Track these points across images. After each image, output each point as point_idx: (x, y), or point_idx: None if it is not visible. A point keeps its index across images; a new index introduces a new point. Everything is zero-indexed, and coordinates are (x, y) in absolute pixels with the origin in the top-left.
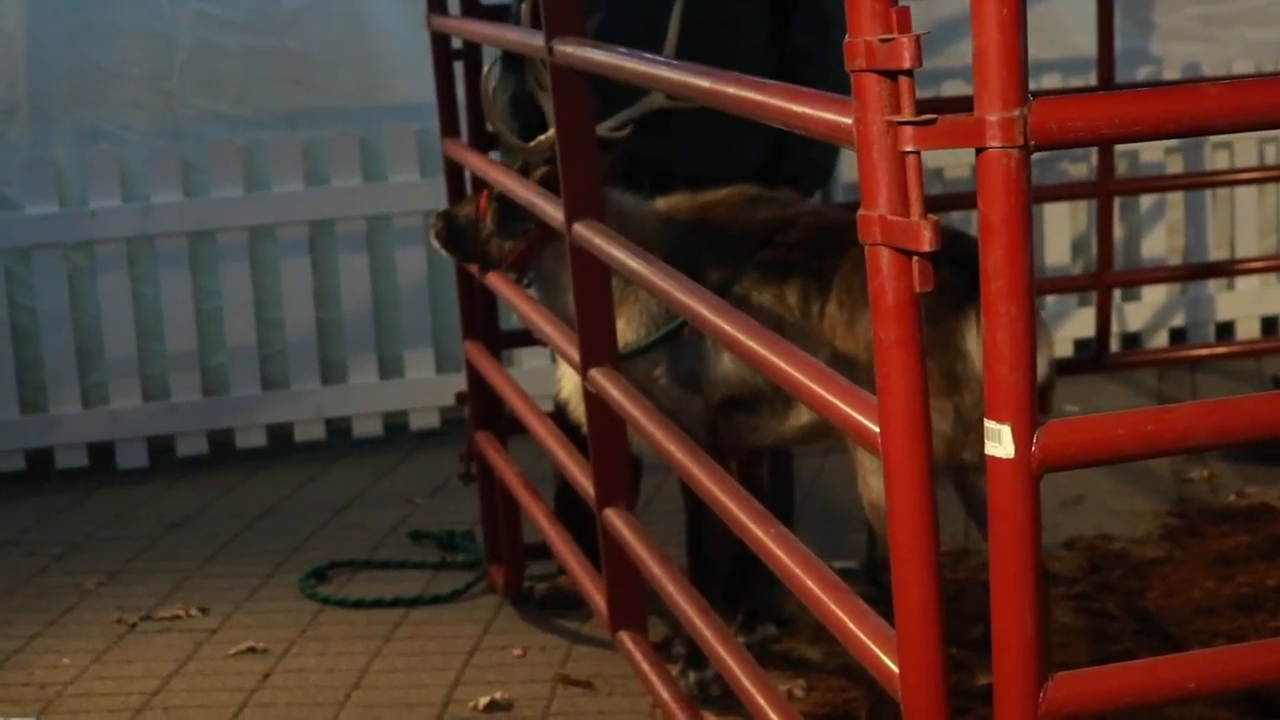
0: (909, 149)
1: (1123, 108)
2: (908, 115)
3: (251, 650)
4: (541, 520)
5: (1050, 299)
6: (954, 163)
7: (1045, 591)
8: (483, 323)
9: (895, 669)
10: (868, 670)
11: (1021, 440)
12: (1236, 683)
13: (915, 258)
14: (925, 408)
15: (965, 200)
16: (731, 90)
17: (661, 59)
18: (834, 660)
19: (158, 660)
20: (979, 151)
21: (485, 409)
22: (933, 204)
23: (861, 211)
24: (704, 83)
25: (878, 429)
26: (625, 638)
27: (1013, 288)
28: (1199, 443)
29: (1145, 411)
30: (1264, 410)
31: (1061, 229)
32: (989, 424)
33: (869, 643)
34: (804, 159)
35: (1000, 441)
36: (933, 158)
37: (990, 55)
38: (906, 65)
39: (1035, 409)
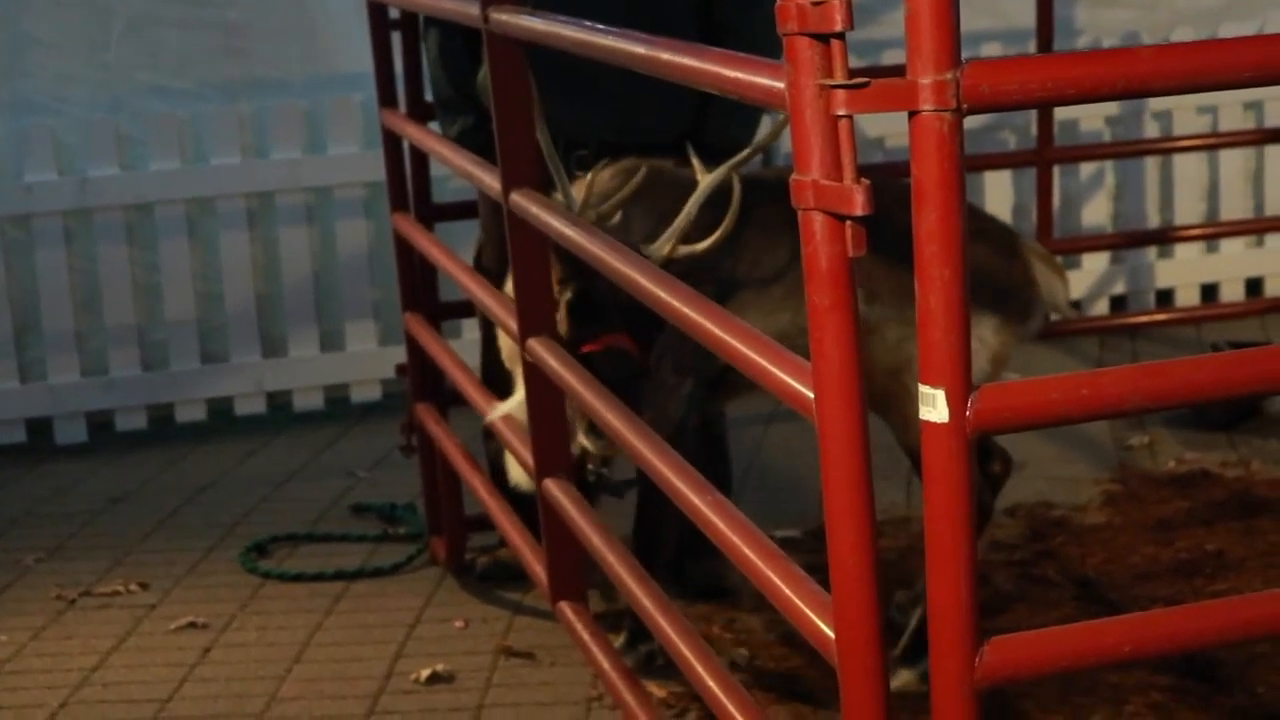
0: (841, 113)
1: (1055, 70)
2: (840, 79)
3: (192, 625)
4: (481, 492)
5: None
6: (895, 131)
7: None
8: (423, 294)
9: (831, 635)
10: (804, 635)
11: (956, 404)
12: (1170, 646)
13: (848, 222)
14: (859, 373)
15: (906, 169)
16: (667, 56)
17: (597, 27)
18: (777, 629)
19: (97, 636)
20: (912, 115)
21: (425, 381)
22: (874, 172)
23: (794, 176)
24: (639, 49)
25: (812, 395)
26: (566, 608)
27: (946, 252)
28: (1133, 406)
29: (1079, 375)
30: (1197, 374)
31: (1002, 198)
32: (923, 388)
33: (805, 609)
34: (722, 133)
35: (935, 406)
36: (874, 127)
37: (922, 18)
38: (838, 28)
39: (969, 373)
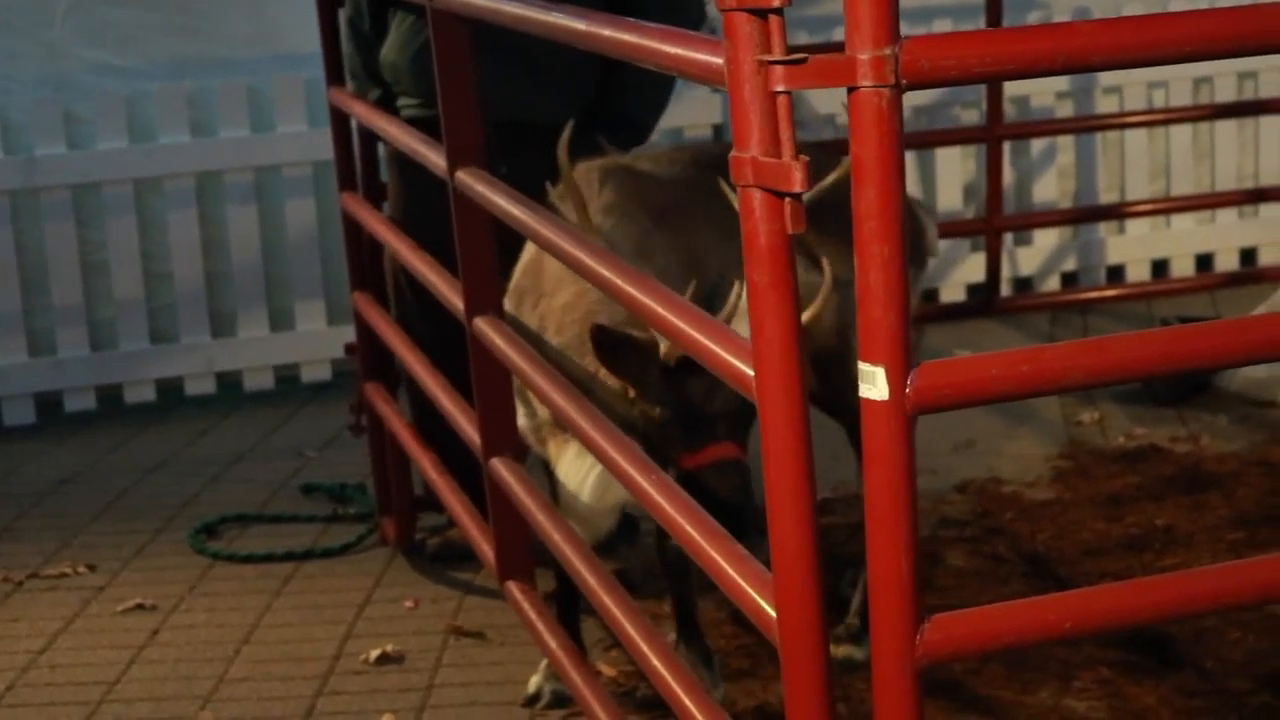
0: (779, 89)
1: (994, 46)
2: (778, 54)
3: (140, 607)
4: (430, 472)
5: (942, 244)
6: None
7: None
8: (371, 273)
9: (773, 613)
10: (747, 614)
11: (896, 382)
12: (1111, 622)
13: (787, 199)
14: (800, 350)
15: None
16: (607, 32)
17: (537, 3)
18: (726, 608)
19: (44, 619)
20: (851, 91)
21: (375, 360)
22: (824, 149)
23: (733, 153)
24: (580, 25)
25: (752, 372)
26: (513, 587)
27: (885, 228)
28: (1074, 383)
29: (1020, 352)
30: (1137, 349)
31: (953, 174)
32: (863, 366)
33: (746, 587)
34: (621, 114)
35: (874, 383)
36: (825, 104)
37: None
38: (776, 4)
39: (910, 350)
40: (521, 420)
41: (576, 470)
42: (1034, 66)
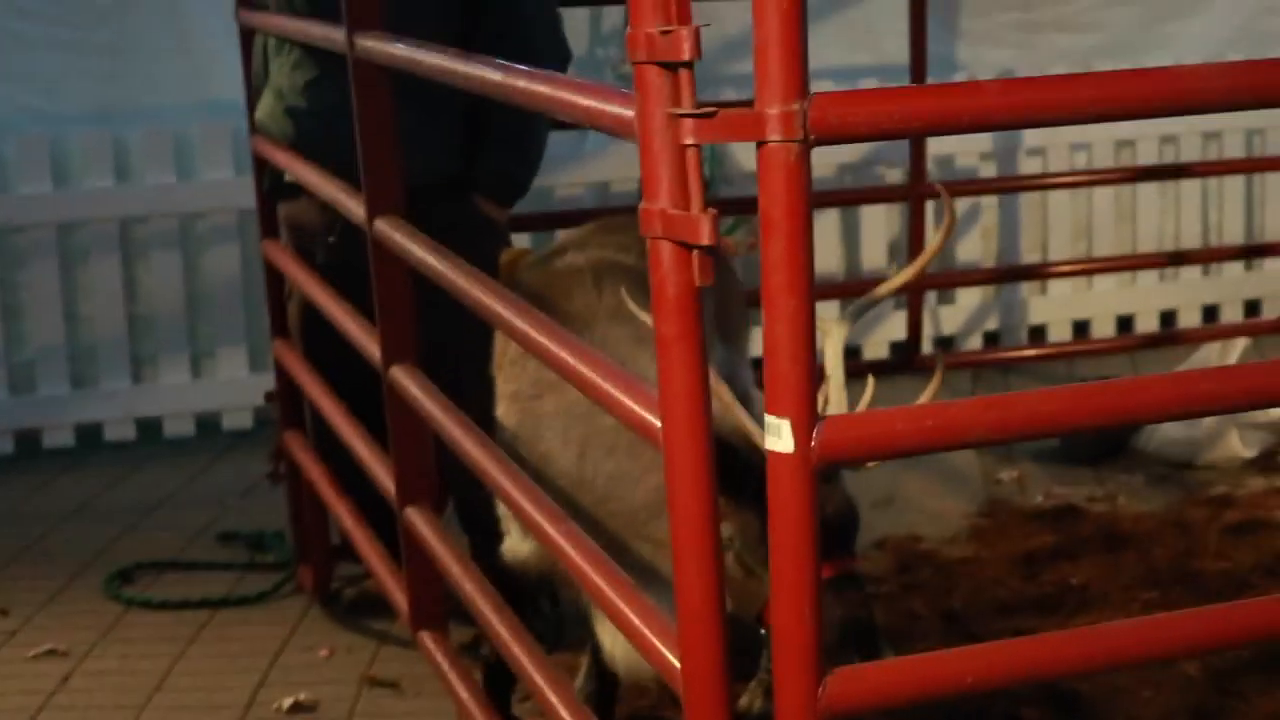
0: (689, 141)
1: (903, 102)
2: (688, 108)
3: (52, 652)
4: (346, 520)
5: None
6: (819, 162)
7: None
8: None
9: (677, 664)
10: (652, 664)
11: (801, 435)
12: (1014, 676)
13: (695, 251)
14: (706, 402)
15: (825, 199)
16: (522, 84)
17: (456, 54)
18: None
19: None
20: (760, 145)
21: (294, 408)
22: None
23: (643, 205)
24: (496, 76)
25: (659, 423)
26: (426, 637)
27: (793, 281)
28: (978, 438)
29: (925, 407)
30: (1041, 406)
31: (877, 232)
32: (769, 419)
33: (651, 637)
34: (497, 172)
35: (780, 436)
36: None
37: (770, 48)
38: (686, 57)
39: (815, 403)
40: (522, 548)
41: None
42: (942, 124)
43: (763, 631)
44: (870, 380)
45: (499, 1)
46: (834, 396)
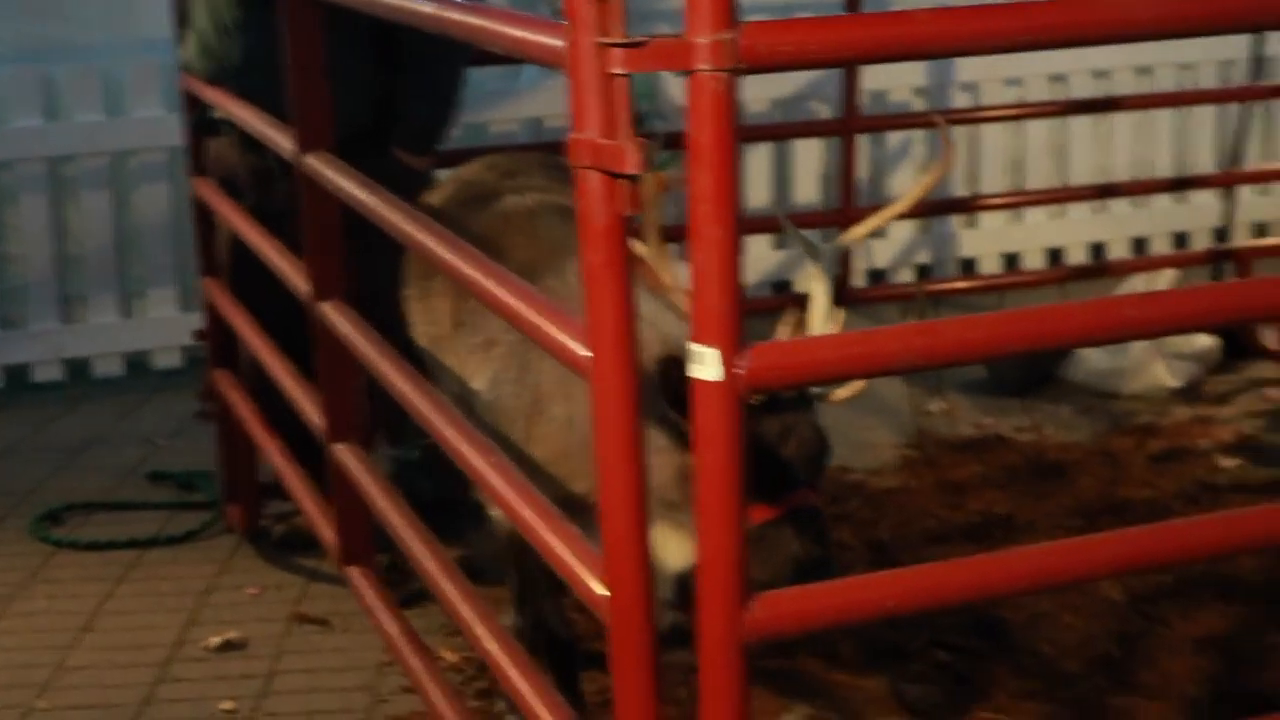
0: (618, 71)
1: (832, 31)
2: (617, 37)
3: None
4: (276, 458)
5: None
6: (753, 96)
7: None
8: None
9: (603, 592)
10: (578, 594)
11: (728, 362)
12: (933, 601)
13: (623, 180)
14: (634, 332)
15: (758, 133)
16: (455, 15)
17: None
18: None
19: None
20: (689, 75)
21: (224, 348)
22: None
23: (572, 135)
24: (427, 9)
25: (590, 354)
26: (354, 572)
27: (720, 212)
28: (903, 365)
29: (851, 334)
30: (967, 332)
31: (810, 167)
32: (695, 347)
33: (577, 567)
34: (413, 123)
35: (706, 364)
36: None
37: None
38: None
39: (741, 332)
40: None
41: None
42: (872, 53)
43: None
44: (840, 312)
45: None
46: (818, 324)
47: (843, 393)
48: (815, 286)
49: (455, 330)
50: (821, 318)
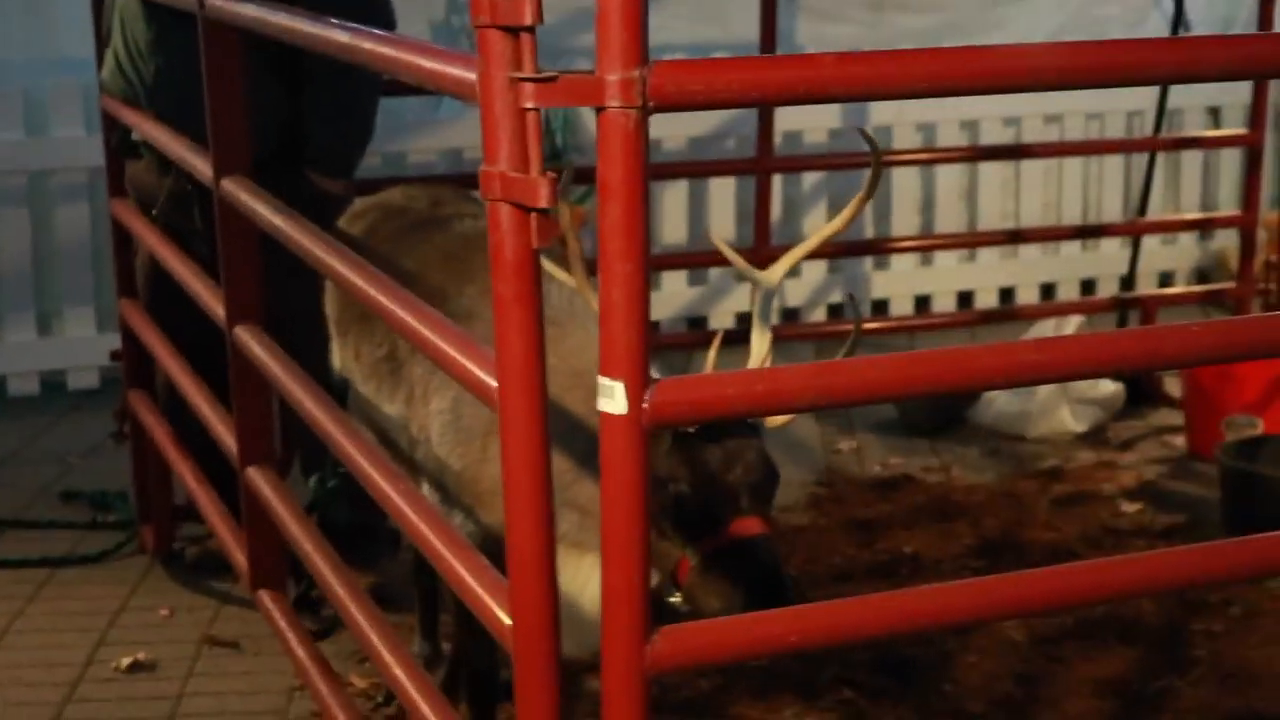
0: (529, 105)
1: (740, 73)
2: (529, 72)
3: None
4: (189, 480)
5: (713, 272)
6: (670, 133)
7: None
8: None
9: (508, 621)
10: (484, 623)
11: (634, 397)
12: (836, 637)
13: (533, 214)
14: (541, 363)
15: (674, 170)
16: (368, 45)
17: (303, 14)
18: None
19: None
20: (599, 111)
21: (139, 367)
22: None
23: (483, 168)
24: (342, 38)
25: (495, 384)
26: (265, 596)
27: (628, 247)
28: (806, 403)
29: (755, 371)
30: (869, 371)
31: (726, 204)
32: (602, 380)
33: (483, 595)
34: (325, 146)
35: (613, 398)
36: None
37: (611, 16)
38: (527, 22)
39: (648, 366)
40: (467, 526)
41: (583, 580)
42: (778, 94)
43: (677, 594)
44: (769, 335)
45: None
46: (755, 347)
47: (777, 421)
48: (756, 334)
49: (412, 353)
50: (759, 341)
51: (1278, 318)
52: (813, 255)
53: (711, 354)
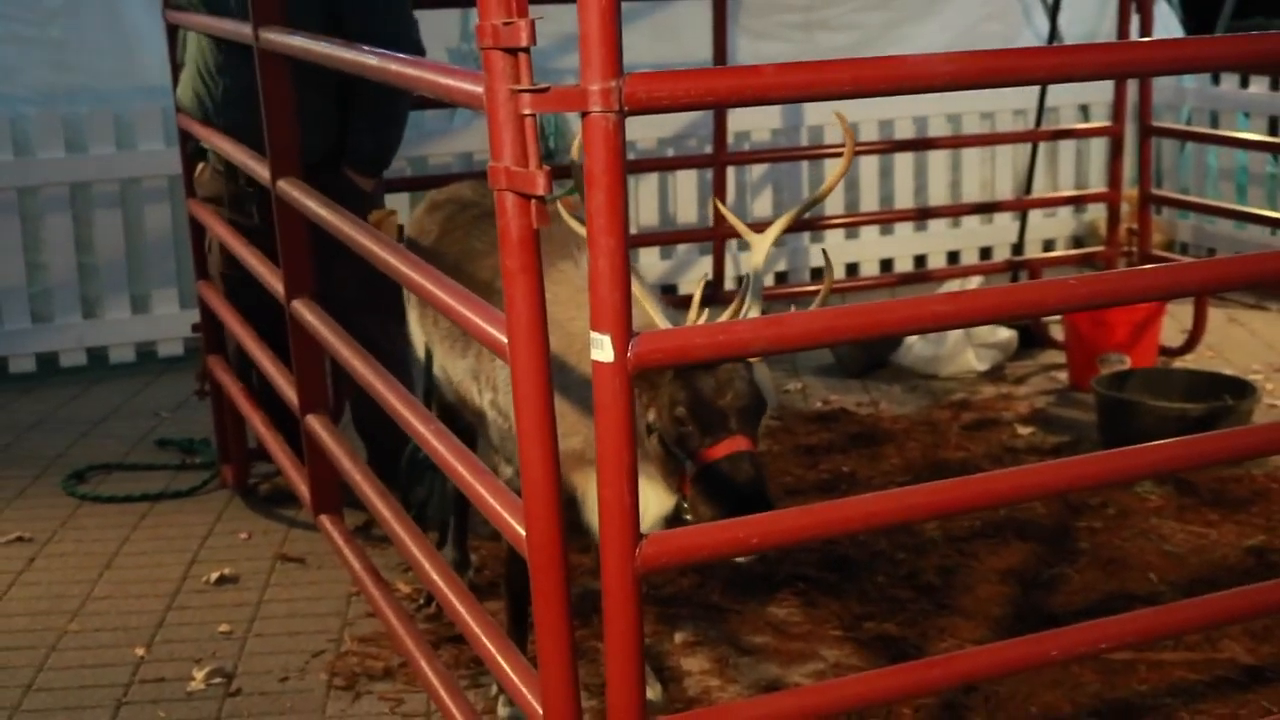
0: (527, 112)
1: (700, 81)
2: (526, 85)
3: (20, 539)
4: (259, 427)
5: (681, 248)
6: (643, 135)
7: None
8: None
9: (523, 531)
10: (503, 534)
11: (619, 347)
12: (788, 539)
13: (533, 200)
14: (544, 323)
15: (646, 165)
16: (394, 67)
17: (342, 43)
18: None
19: None
20: (584, 115)
21: (215, 337)
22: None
23: (490, 163)
24: (373, 61)
25: (506, 339)
26: (325, 520)
27: (610, 224)
28: (759, 349)
29: (717, 325)
30: (811, 323)
31: (689, 193)
32: (593, 334)
33: (502, 511)
34: (364, 149)
35: (602, 348)
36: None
37: (592, 37)
38: (524, 44)
39: (630, 322)
40: (506, 471)
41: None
42: (730, 98)
43: (683, 503)
44: (759, 306)
45: (356, 20)
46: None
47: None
48: (751, 310)
49: None
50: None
51: (1138, 272)
52: (758, 231)
53: (691, 313)
